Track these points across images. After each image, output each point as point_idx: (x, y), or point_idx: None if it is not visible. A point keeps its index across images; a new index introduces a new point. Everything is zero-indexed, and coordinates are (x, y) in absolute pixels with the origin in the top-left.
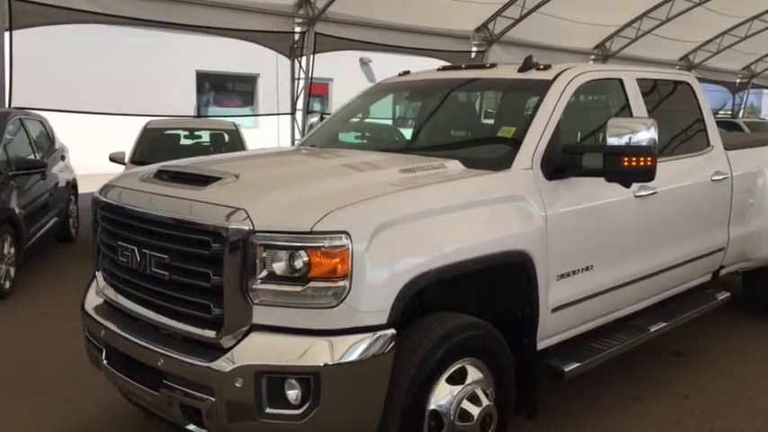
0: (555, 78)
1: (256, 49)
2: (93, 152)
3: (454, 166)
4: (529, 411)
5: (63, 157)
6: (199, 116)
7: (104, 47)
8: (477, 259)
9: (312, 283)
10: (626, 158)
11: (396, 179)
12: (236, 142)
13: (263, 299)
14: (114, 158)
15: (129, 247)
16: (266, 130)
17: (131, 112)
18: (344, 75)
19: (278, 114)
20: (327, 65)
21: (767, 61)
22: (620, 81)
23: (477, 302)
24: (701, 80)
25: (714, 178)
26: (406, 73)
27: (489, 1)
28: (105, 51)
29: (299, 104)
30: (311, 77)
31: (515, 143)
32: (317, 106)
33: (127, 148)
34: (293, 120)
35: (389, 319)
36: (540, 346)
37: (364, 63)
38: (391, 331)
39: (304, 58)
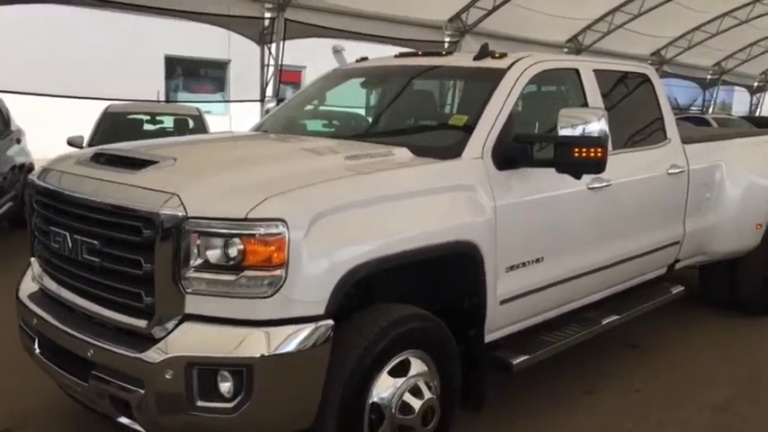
0: (509, 67)
1: (228, 34)
2: (53, 136)
3: (402, 153)
4: (475, 404)
5: (19, 141)
6: (167, 101)
7: (68, 28)
8: (423, 249)
9: (247, 272)
10: (576, 149)
11: (340, 166)
12: (200, 128)
13: (196, 288)
14: (72, 143)
15: (61, 232)
16: (237, 117)
17: (95, 95)
18: (317, 62)
19: (246, 101)
20: (300, 52)
21: (737, 58)
22: (577, 72)
23: (424, 293)
24: (671, 75)
25: (670, 171)
26: (364, 59)
27: None
28: (69, 33)
29: (269, 91)
30: (281, 64)
31: (466, 132)
32: (289, 93)
33: (88, 132)
34: (263, 107)
35: (327, 309)
36: (489, 338)
37: (337, 51)
38: (329, 322)
39: (274, 45)
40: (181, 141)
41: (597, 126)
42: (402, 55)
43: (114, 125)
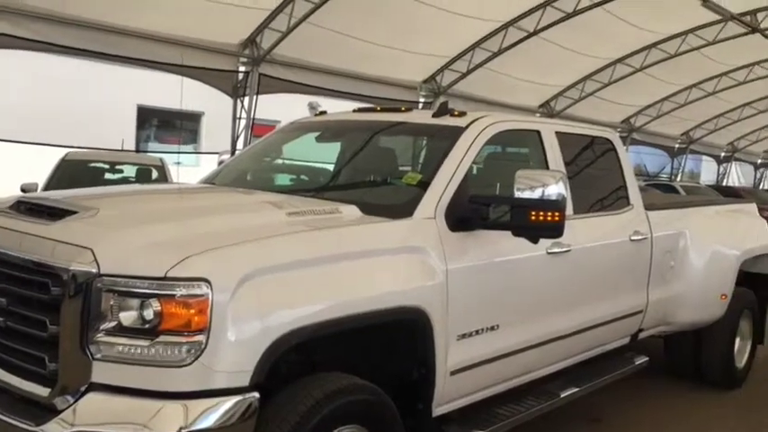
0: (467, 126)
1: (202, 87)
2: (10, 182)
3: (350, 211)
4: None
5: None
6: (137, 151)
7: (39, 76)
8: (365, 315)
9: (162, 337)
10: (533, 212)
11: (279, 222)
12: (163, 179)
13: (105, 353)
14: (26, 189)
15: None
16: (208, 169)
17: (59, 143)
18: (293, 117)
19: (215, 153)
20: (275, 107)
21: (705, 128)
22: (538, 133)
23: (370, 362)
24: (641, 143)
25: (633, 238)
26: (323, 113)
27: (438, 54)
28: (40, 80)
29: (240, 144)
30: (253, 118)
31: (420, 190)
32: None
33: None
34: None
35: (253, 380)
36: (438, 411)
37: (313, 108)
38: (253, 395)
39: (247, 99)
40: (113, 191)
41: (555, 189)
42: (361, 110)
43: (72, 173)
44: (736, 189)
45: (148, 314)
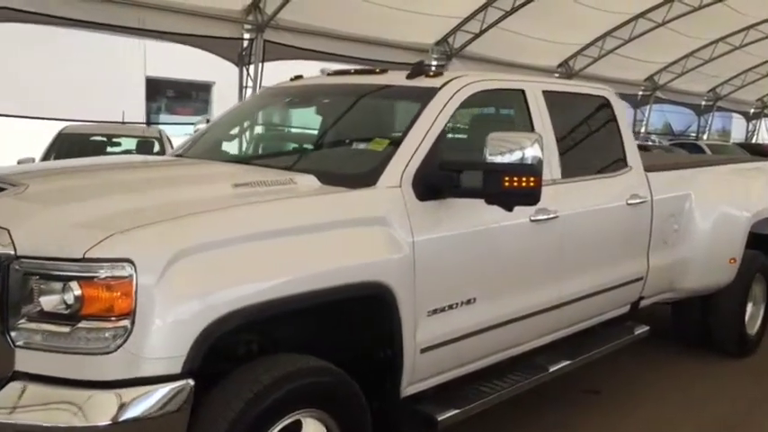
0: (442, 86)
1: (212, 56)
2: (10, 156)
3: (307, 181)
4: None
5: None
6: (148, 124)
7: (46, 48)
8: (318, 292)
9: (84, 323)
10: (506, 178)
11: (222, 196)
12: (162, 151)
13: (28, 341)
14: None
15: None
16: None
17: (65, 117)
18: None
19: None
20: (285, 75)
21: (733, 84)
22: (523, 92)
23: (333, 342)
24: (665, 101)
25: (630, 202)
26: (299, 77)
27: (449, 15)
28: (46, 53)
29: None
30: (260, 86)
31: (386, 157)
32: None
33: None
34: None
35: (186, 367)
36: (410, 390)
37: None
38: (186, 382)
39: (252, 66)
40: (58, 166)
41: (531, 152)
42: (335, 73)
43: (68, 147)
44: (764, 146)
45: (69, 298)
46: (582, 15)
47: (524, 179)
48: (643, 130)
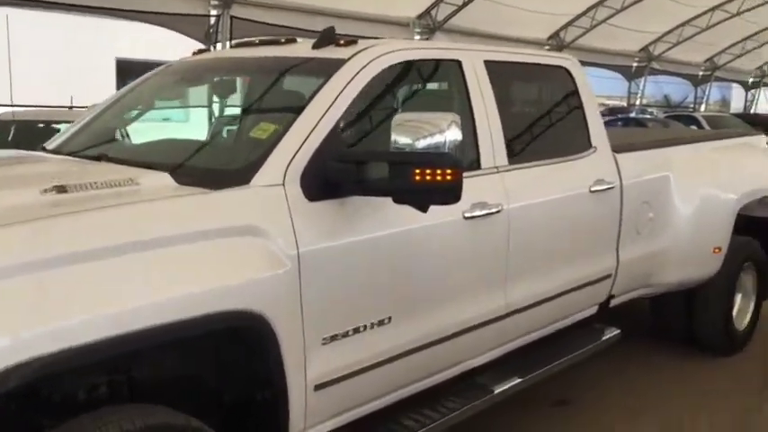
0: (350, 57)
1: (182, 36)
2: None
3: (155, 181)
4: None
5: None
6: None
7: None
8: (148, 332)
9: None
10: (418, 171)
11: (24, 205)
12: None
13: None
14: None
15: None
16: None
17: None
18: None
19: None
20: None
21: (731, 53)
22: (459, 64)
23: (196, 386)
24: (661, 72)
25: (594, 189)
26: (203, 51)
27: None
28: (19, 36)
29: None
30: None
31: (269, 148)
32: None
33: None
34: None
35: None
36: None
37: None
38: None
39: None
40: None
41: (446, 136)
42: (240, 44)
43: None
44: (762, 116)
45: None
46: None
47: (440, 172)
48: (638, 102)
